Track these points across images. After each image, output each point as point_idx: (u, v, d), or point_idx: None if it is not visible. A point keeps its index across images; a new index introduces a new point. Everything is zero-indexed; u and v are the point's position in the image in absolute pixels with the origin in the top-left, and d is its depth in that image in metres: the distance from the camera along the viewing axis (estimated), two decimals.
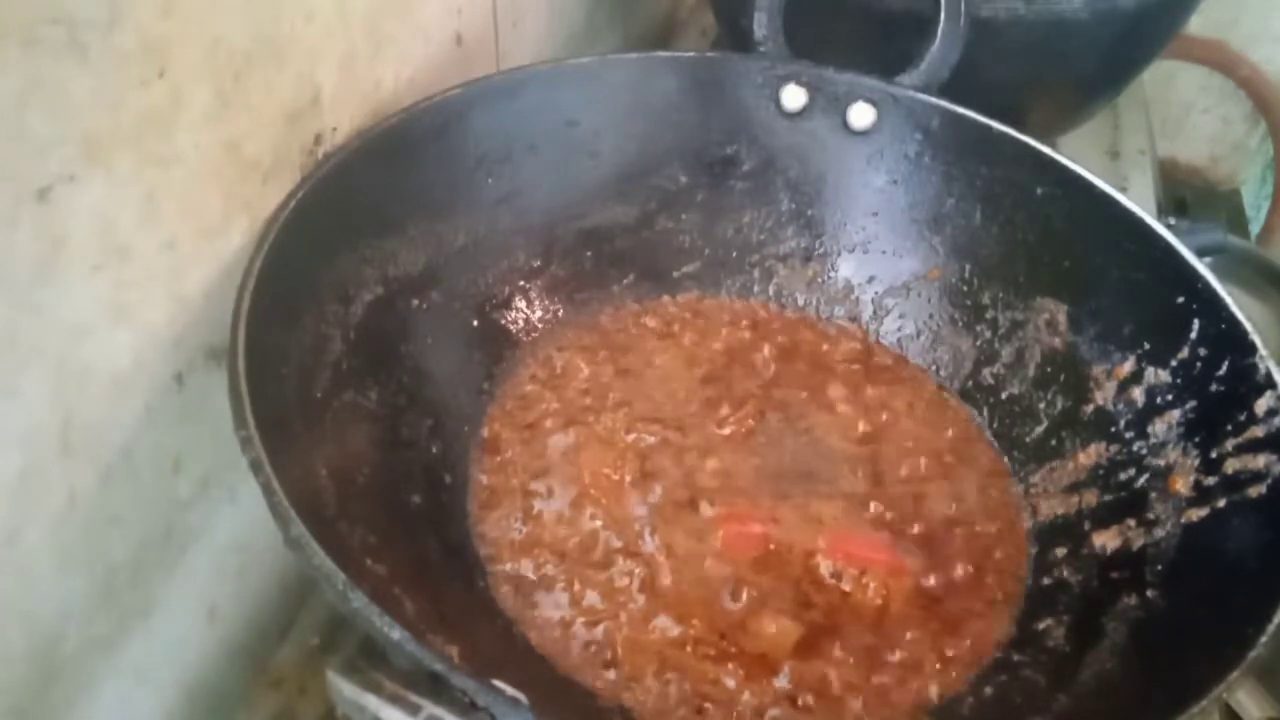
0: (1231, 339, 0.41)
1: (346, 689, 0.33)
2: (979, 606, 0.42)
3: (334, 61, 0.42)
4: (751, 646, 0.40)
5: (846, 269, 0.55)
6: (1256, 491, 0.38)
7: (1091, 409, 0.46)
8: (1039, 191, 0.49)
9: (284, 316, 0.37)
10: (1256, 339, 0.40)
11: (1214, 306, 0.42)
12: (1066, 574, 0.42)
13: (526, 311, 0.51)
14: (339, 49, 0.42)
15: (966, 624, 0.41)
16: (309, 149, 0.41)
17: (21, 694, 0.32)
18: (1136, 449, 0.44)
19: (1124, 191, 0.47)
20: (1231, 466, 0.39)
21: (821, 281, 0.55)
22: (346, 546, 0.34)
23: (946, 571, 0.43)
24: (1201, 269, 0.43)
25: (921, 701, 0.39)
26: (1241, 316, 0.41)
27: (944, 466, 0.48)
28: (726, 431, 0.48)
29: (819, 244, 0.55)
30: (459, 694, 0.27)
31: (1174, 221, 0.54)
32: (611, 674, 0.38)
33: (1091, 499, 0.44)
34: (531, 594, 0.41)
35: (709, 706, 0.38)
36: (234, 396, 0.31)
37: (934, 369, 0.52)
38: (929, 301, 0.53)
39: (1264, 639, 0.31)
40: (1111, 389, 0.46)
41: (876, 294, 0.54)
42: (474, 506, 0.44)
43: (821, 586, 0.42)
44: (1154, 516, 0.41)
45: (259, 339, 0.33)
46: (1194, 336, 0.43)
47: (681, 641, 0.39)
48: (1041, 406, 0.48)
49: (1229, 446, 0.40)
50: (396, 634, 0.27)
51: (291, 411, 0.36)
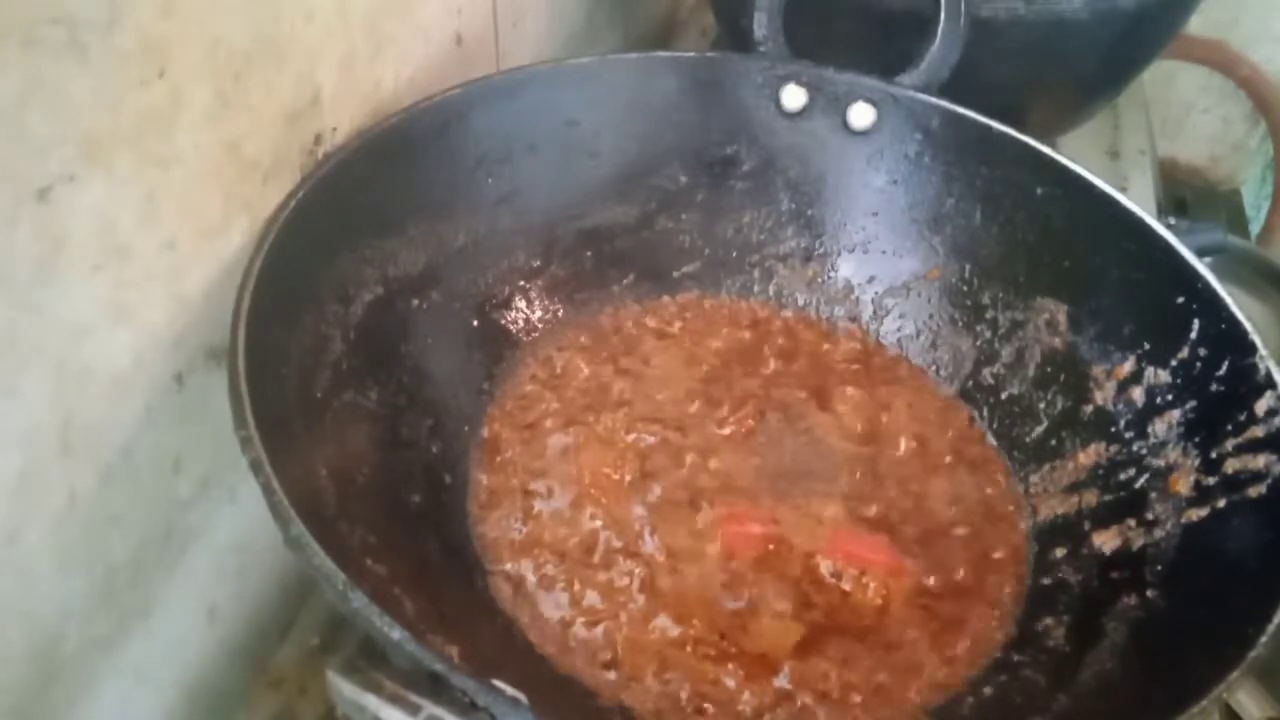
0: (1231, 339, 0.41)
1: (346, 689, 0.33)
2: (979, 606, 0.42)
3: (334, 61, 0.42)
4: (751, 646, 0.40)
5: (846, 269, 0.55)
6: (1256, 491, 0.38)
7: (1091, 409, 0.46)
8: (1039, 191, 0.49)
9: (284, 316, 0.37)
10: (1256, 339, 0.40)
11: (1214, 306, 0.42)
12: (1066, 574, 0.42)
13: (526, 311, 0.51)
14: (339, 49, 0.42)
15: (966, 624, 0.41)
16: (309, 149, 0.41)
17: (21, 694, 0.32)
18: (1136, 449, 0.44)
19: (1124, 191, 0.47)
20: (1231, 466, 0.39)
21: (821, 281, 0.55)
22: (346, 546, 0.34)
23: (946, 571, 0.43)
24: (1201, 269, 0.43)
25: (921, 701, 0.39)
26: (1241, 316, 0.41)
27: (944, 466, 0.48)
28: (726, 431, 0.48)
29: (819, 244, 0.55)
30: (459, 694, 0.27)
31: (1174, 221, 0.54)
32: (611, 674, 0.38)
33: (1091, 499, 0.44)
34: (531, 594, 0.41)
35: (709, 706, 0.38)
36: (234, 396, 0.31)
37: (934, 369, 0.52)
38: (929, 301, 0.53)
39: (1264, 639, 0.31)
40: (1111, 389, 0.46)
41: (876, 294, 0.54)
42: (474, 506, 0.44)
43: (821, 586, 0.42)
44: (1154, 516, 0.41)
45: (259, 339, 0.33)
46: (1194, 336, 0.43)
47: (681, 641, 0.39)
48: (1041, 406, 0.48)
49: (1229, 446, 0.40)
50: (396, 634, 0.27)
51: (291, 411, 0.36)
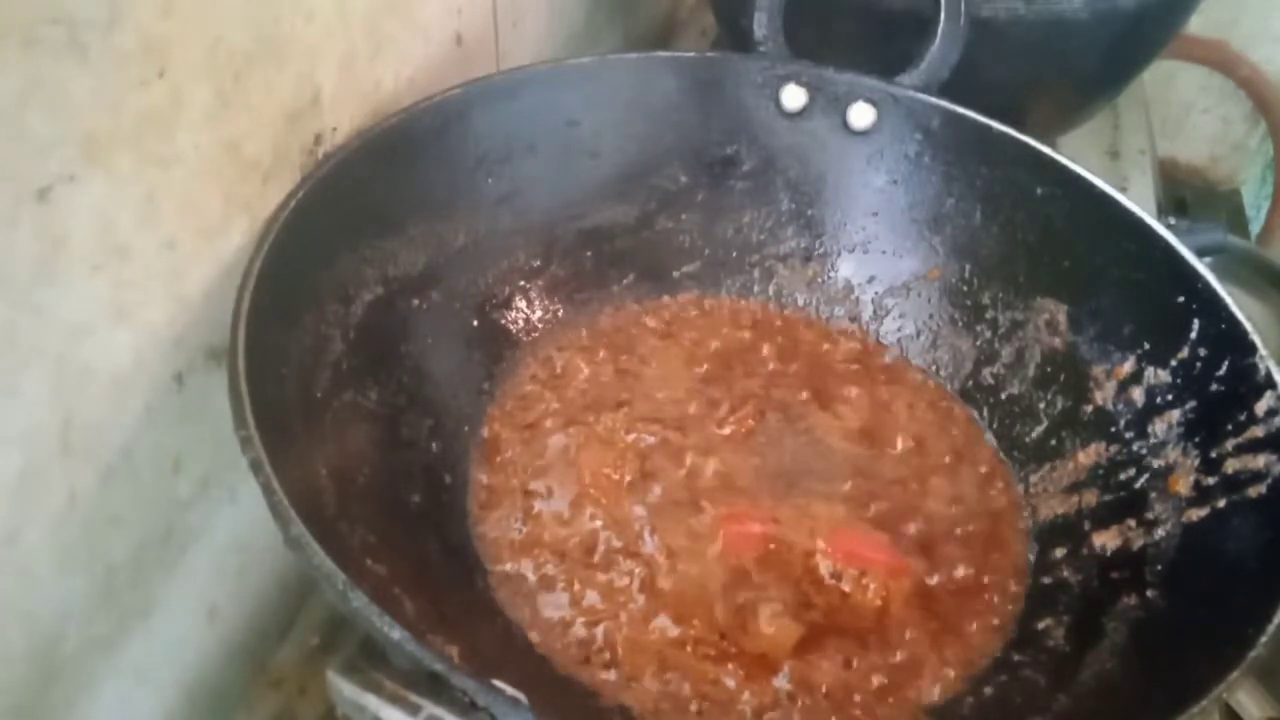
0: (1231, 339, 0.41)
1: (346, 689, 0.33)
2: (979, 606, 0.42)
3: (334, 61, 0.42)
4: (751, 646, 0.40)
5: (846, 269, 0.55)
6: (1256, 491, 0.38)
7: (1091, 409, 0.46)
8: (1039, 191, 0.49)
9: (284, 316, 0.37)
10: (1256, 339, 0.40)
11: (1214, 306, 0.42)
12: (1066, 574, 0.42)
13: (526, 311, 0.51)
14: (339, 49, 0.42)
15: (966, 624, 0.41)
16: (309, 149, 0.41)
17: (21, 694, 0.32)
18: (1136, 449, 0.44)
19: (1124, 191, 0.47)
20: (1231, 466, 0.39)
21: (821, 281, 0.55)
22: (346, 546, 0.34)
23: (946, 571, 0.43)
24: (1201, 269, 0.43)
25: (921, 701, 0.39)
26: (1241, 316, 0.41)
27: (944, 466, 0.48)
28: (726, 431, 0.48)
29: (819, 244, 0.55)
30: (459, 694, 0.27)
31: (1174, 221, 0.54)
32: (611, 674, 0.38)
33: (1091, 499, 0.44)
34: (531, 594, 0.41)
35: (709, 706, 0.38)
36: (234, 396, 0.31)
37: (934, 369, 0.52)
38: (929, 301, 0.53)
39: (1264, 639, 0.31)
40: (1111, 389, 0.46)
41: (876, 294, 0.54)
42: (474, 506, 0.44)
43: (821, 587, 0.42)
44: (1154, 516, 0.41)
45: (259, 339, 0.33)
46: (1194, 336, 0.43)
47: (681, 641, 0.39)
48: (1041, 406, 0.48)
49: (1229, 446, 0.40)
50: (396, 634, 0.27)
51: (291, 411, 0.36)
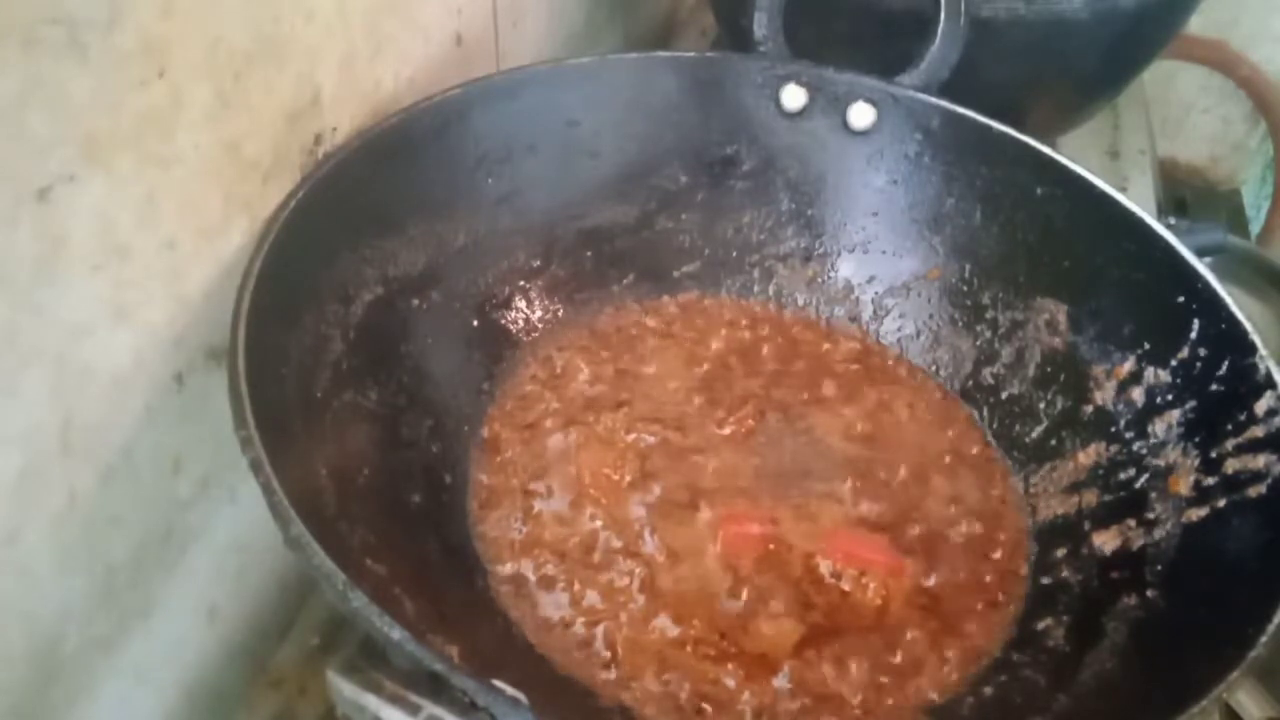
0: (1231, 339, 0.41)
1: (346, 689, 0.33)
2: (979, 606, 0.42)
3: (334, 61, 0.42)
4: (751, 646, 0.40)
5: (846, 269, 0.55)
6: (1256, 491, 0.38)
7: (1091, 409, 0.46)
8: (1039, 191, 0.49)
9: (284, 316, 0.37)
10: (1256, 339, 0.40)
11: (1214, 306, 0.42)
12: (1066, 574, 0.42)
13: (526, 311, 0.51)
14: (339, 49, 0.42)
15: (966, 624, 0.41)
16: (309, 149, 0.41)
17: (21, 694, 0.32)
18: (1136, 449, 0.44)
19: (1124, 191, 0.46)
20: (1231, 466, 0.39)
21: (821, 281, 0.55)
22: (346, 546, 0.34)
23: (946, 572, 0.43)
24: (1201, 269, 0.43)
25: (921, 701, 0.39)
26: (1241, 316, 0.41)
27: (944, 466, 0.48)
28: (726, 431, 0.48)
29: (819, 244, 0.55)
30: (459, 694, 0.27)
31: (1174, 221, 0.54)
32: (611, 674, 0.38)
33: (1091, 499, 0.44)
34: (531, 594, 0.41)
35: (709, 707, 0.38)
36: (234, 396, 0.31)
37: (934, 369, 0.52)
38: (929, 301, 0.53)
39: (1264, 639, 0.31)
40: (1111, 389, 0.46)
41: (876, 294, 0.54)
42: (474, 506, 0.44)
43: (821, 587, 0.42)
44: (1154, 516, 0.41)
45: (259, 339, 0.33)
46: (1194, 336, 0.43)
47: (681, 641, 0.39)
48: (1041, 406, 0.48)
49: (1229, 446, 0.40)
50: (396, 634, 0.27)
51: (291, 411, 0.36)
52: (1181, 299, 0.43)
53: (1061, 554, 0.43)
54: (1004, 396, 0.50)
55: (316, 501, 0.34)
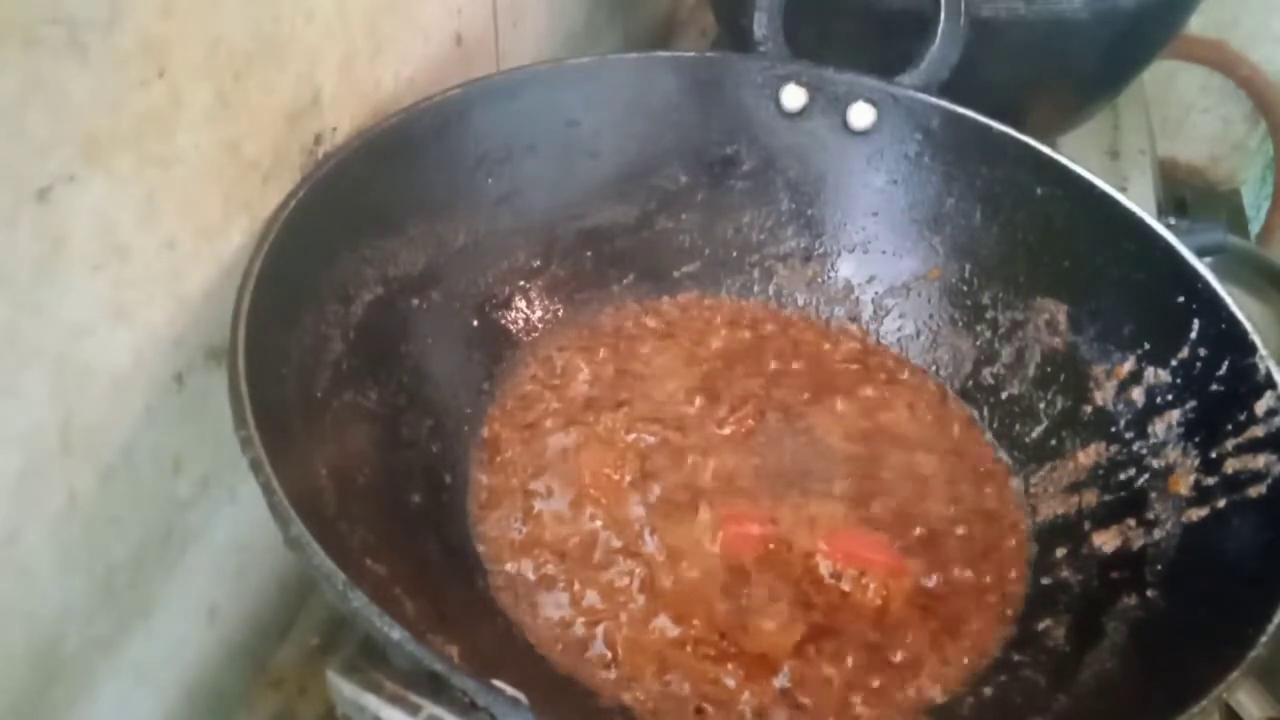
0: (1231, 339, 0.41)
1: (346, 689, 0.33)
2: (979, 606, 0.42)
3: (334, 61, 0.42)
4: (751, 646, 0.40)
5: (846, 269, 0.55)
6: (1256, 491, 0.38)
7: (1091, 409, 0.46)
8: (1039, 191, 0.49)
9: (284, 316, 0.37)
10: (1256, 339, 0.40)
11: (1214, 306, 0.42)
12: (1066, 574, 0.42)
13: (526, 311, 0.51)
14: (339, 49, 0.42)
15: (966, 624, 0.41)
16: (309, 149, 0.41)
17: (21, 694, 0.32)
18: (1136, 449, 0.44)
19: (1124, 191, 0.46)
20: (1231, 466, 0.39)
21: (821, 281, 0.55)
22: (346, 546, 0.34)
23: (946, 572, 0.43)
24: (1201, 269, 0.43)
25: (921, 701, 0.39)
26: (1241, 316, 0.41)
27: (944, 466, 0.48)
28: (726, 431, 0.48)
29: (819, 244, 0.55)
30: (459, 694, 0.27)
31: (1174, 221, 0.54)
32: (611, 674, 0.38)
33: (1091, 499, 0.44)
34: (531, 594, 0.41)
35: (709, 706, 0.38)
36: (234, 396, 0.31)
37: (934, 369, 0.52)
38: (929, 301, 0.53)
39: (1264, 639, 0.31)
40: (1111, 389, 0.46)
41: (876, 294, 0.54)
42: (474, 506, 0.44)
43: (821, 587, 0.42)
44: (1154, 516, 0.41)
45: (259, 339, 0.33)
46: (1194, 336, 0.43)
47: (681, 641, 0.39)
48: (1041, 406, 0.48)
49: (1229, 446, 0.40)
50: (396, 634, 0.27)
51: (291, 411, 0.36)
52: (1181, 299, 0.43)
53: (1061, 554, 0.43)
54: (1004, 396, 0.50)
55: (316, 501, 0.34)
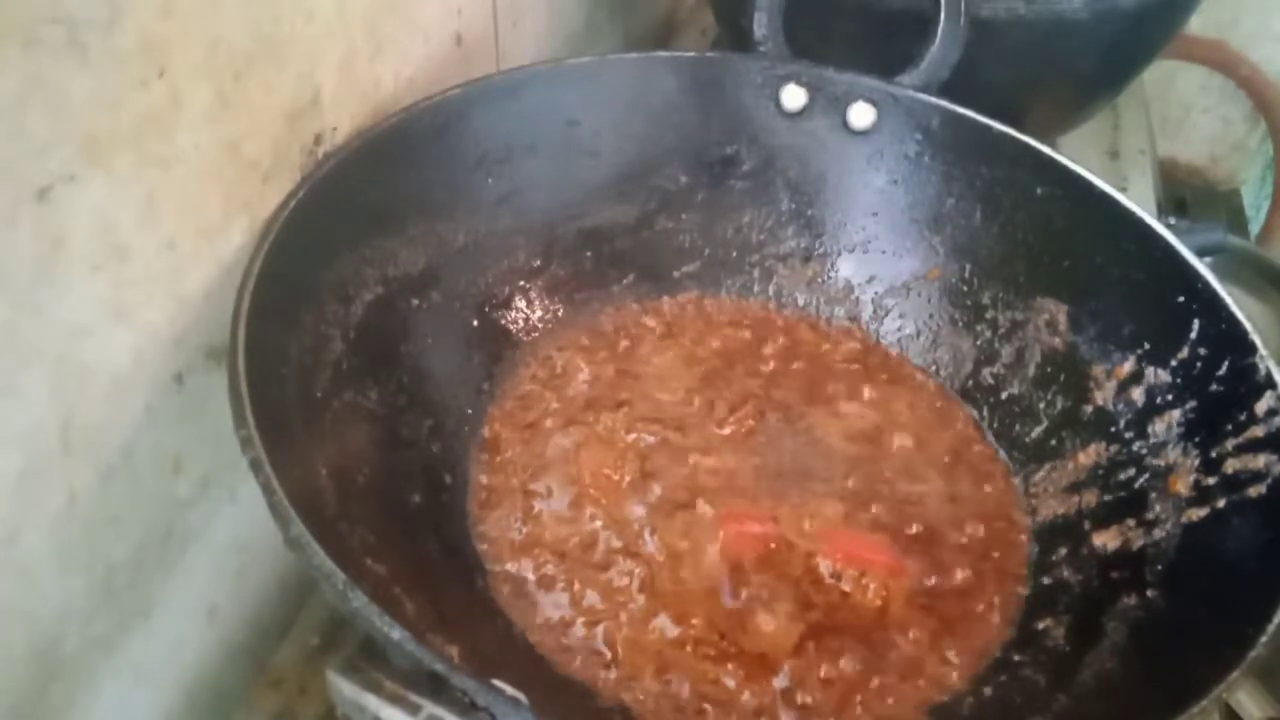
0: (1231, 339, 0.41)
1: (346, 689, 0.33)
2: (979, 606, 0.42)
3: (334, 61, 0.42)
4: (751, 646, 0.40)
5: (846, 269, 0.55)
6: (1256, 491, 0.38)
7: (1091, 409, 0.46)
8: (1039, 191, 0.49)
9: (284, 316, 0.37)
10: (1256, 339, 0.40)
11: (1214, 306, 0.42)
12: (1066, 574, 0.42)
13: (526, 311, 0.51)
14: (339, 49, 0.42)
15: (966, 624, 0.41)
16: (309, 149, 0.41)
17: (21, 694, 0.32)
18: (1136, 449, 0.44)
19: (1124, 191, 0.46)
20: (1231, 466, 0.39)
21: (821, 281, 0.55)
22: (346, 546, 0.34)
23: (946, 572, 0.43)
24: (1201, 269, 0.43)
25: (921, 701, 0.39)
26: (1241, 316, 0.41)
27: (944, 466, 0.48)
28: (726, 431, 0.48)
29: (819, 244, 0.55)
30: (459, 694, 0.27)
31: (1174, 221, 0.54)
32: (611, 674, 0.38)
33: (1091, 499, 0.44)
34: (531, 594, 0.41)
35: (709, 707, 0.38)
36: (234, 396, 0.31)
37: (934, 369, 0.52)
38: (929, 301, 0.53)
39: (1264, 639, 0.31)
40: (1111, 389, 0.46)
41: (876, 294, 0.54)
42: (474, 506, 0.44)
43: (821, 587, 0.42)
44: (1154, 516, 0.41)
45: (259, 339, 0.33)
46: (1194, 336, 0.42)
47: (681, 641, 0.40)
48: (1041, 406, 0.48)
49: (1229, 446, 0.40)
50: (396, 634, 0.27)
51: (291, 411, 0.36)
52: (1181, 299, 0.43)
53: (1061, 554, 0.43)
54: (1004, 396, 0.50)
55: (316, 501, 0.34)
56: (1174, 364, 0.43)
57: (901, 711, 0.38)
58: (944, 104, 0.51)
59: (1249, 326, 0.41)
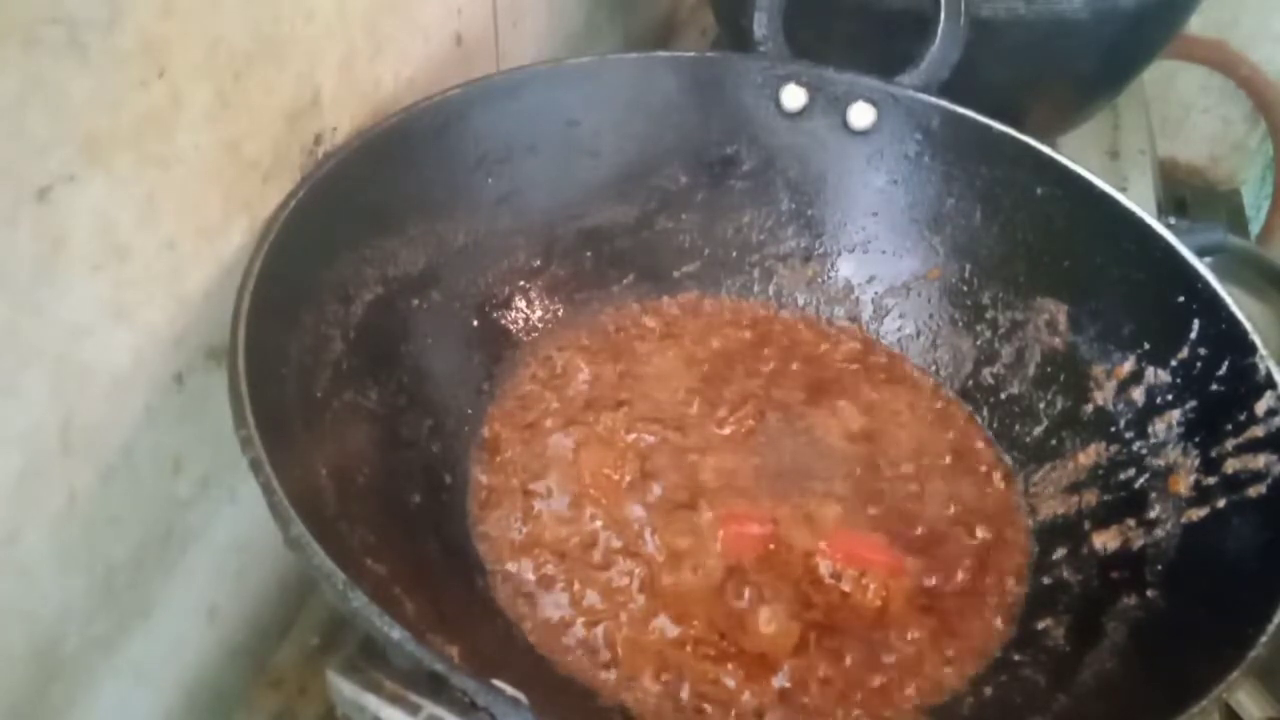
0: (1231, 339, 0.41)
1: (346, 689, 0.33)
2: (979, 606, 0.42)
3: (334, 61, 0.42)
4: (751, 646, 0.40)
5: (846, 269, 0.55)
6: (1256, 491, 0.38)
7: (1091, 409, 0.46)
8: (1039, 191, 0.49)
9: (284, 316, 0.37)
10: (1256, 339, 0.40)
11: (1214, 306, 0.42)
12: (1066, 574, 0.42)
13: (526, 311, 0.51)
14: (339, 49, 0.42)
15: (966, 624, 0.41)
16: (309, 149, 0.41)
17: (21, 694, 0.32)
18: (1136, 449, 0.44)
19: (1124, 191, 0.46)
20: (1231, 466, 0.39)
21: (821, 281, 0.55)
22: (346, 546, 0.34)
23: (946, 572, 0.43)
24: (1201, 269, 0.43)
25: (921, 701, 0.39)
26: (1241, 316, 0.41)
27: (944, 466, 0.48)
28: (726, 431, 0.48)
29: (819, 244, 0.55)
30: (459, 694, 0.27)
31: (1174, 221, 0.54)
32: (611, 674, 0.38)
33: (1091, 499, 0.44)
34: (531, 594, 0.41)
35: (709, 707, 0.38)
36: (234, 396, 0.31)
37: (934, 369, 0.52)
38: (929, 301, 0.53)
39: (1264, 639, 0.31)
40: (1111, 389, 0.46)
41: (876, 294, 0.54)
42: (474, 506, 0.44)
43: (821, 587, 0.42)
44: (1154, 516, 0.41)
45: (259, 339, 0.33)
46: (1194, 336, 0.43)
47: (681, 641, 0.40)
48: (1041, 406, 0.48)
49: (1229, 446, 0.40)
50: (396, 634, 0.27)
51: (291, 411, 0.36)
52: (1181, 299, 0.43)
53: (1061, 554, 0.43)
54: (1004, 396, 0.50)
55: (316, 501, 0.34)
56: (1174, 364, 0.43)
57: (901, 711, 0.38)
58: (944, 104, 0.51)
59: (1249, 326, 0.41)
